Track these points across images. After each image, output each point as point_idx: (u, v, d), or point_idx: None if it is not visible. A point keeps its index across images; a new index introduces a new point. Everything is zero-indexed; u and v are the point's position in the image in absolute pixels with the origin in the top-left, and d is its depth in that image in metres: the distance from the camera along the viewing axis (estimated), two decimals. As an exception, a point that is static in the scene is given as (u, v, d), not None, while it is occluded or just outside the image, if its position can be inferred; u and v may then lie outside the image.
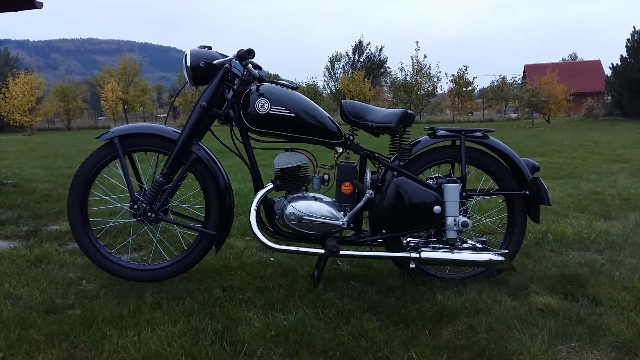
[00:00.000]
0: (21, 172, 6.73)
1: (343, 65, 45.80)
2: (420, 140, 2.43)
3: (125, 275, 2.36)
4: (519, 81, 32.08)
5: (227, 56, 2.31)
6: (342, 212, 2.32)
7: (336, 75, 45.31)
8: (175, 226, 2.64)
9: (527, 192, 2.37)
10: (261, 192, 2.32)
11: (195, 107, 2.29)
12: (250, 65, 2.27)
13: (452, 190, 2.28)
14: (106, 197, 2.70)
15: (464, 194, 2.34)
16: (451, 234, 2.29)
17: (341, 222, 2.29)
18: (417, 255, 2.27)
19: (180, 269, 2.38)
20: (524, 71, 40.48)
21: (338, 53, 47.28)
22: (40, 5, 5.63)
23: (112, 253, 2.44)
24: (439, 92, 28.91)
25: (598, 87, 32.89)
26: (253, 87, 2.29)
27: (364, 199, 2.30)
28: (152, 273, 2.36)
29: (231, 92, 2.33)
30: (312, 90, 29.31)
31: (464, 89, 28.38)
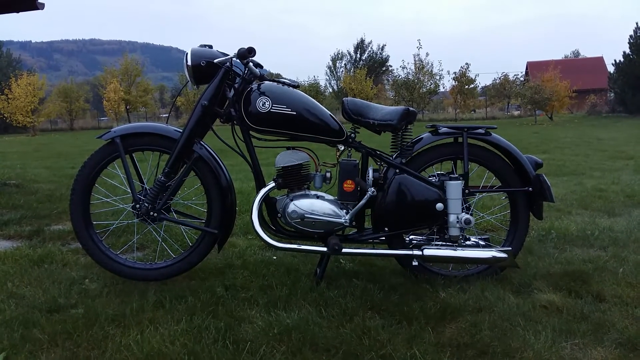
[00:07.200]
0: (24, 173, 6.75)
1: (345, 64, 45.72)
2: (422, 138, 2.42)
3: (132, 276, 2.36)
4: (522, 78, 31.98)
5: (228, 55, 2.31)
6: (344, 210, 2.31)
7: (338, 74, 45.25)
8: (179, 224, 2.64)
9: (530, 188, 2.36)
10: (263, 191, 2.32)
11: (196, 106, 2.29)
12: (251, 63, 2.27)
13: (454, 188, 2.27)
14: (107, 200, 2.70)
15: (466, 191, 2.34)
16: (454, 232, 2.28)
17: (343, 220, 2.29)
18: (419, 252, 2.26)
19: (186, 266, 2.38)
20: (527, 68, 40.32)
21: (340, 52, 47.10)
22: (42, 6, 5.64)
23: (118, 254, 2.44)
24: (441, 89, 28.86)
25: (601, 84, 32.73)
26: (254, 86, 2.29)
27: (366, 196, 2.29)
28: (158, 272, 2.36)
29: (232, 91, 2.33)
30: (314, 89, 29.26)
31: (466, 86, 28.28)
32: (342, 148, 2.36)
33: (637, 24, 24.45)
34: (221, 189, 2.35)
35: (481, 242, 2.39)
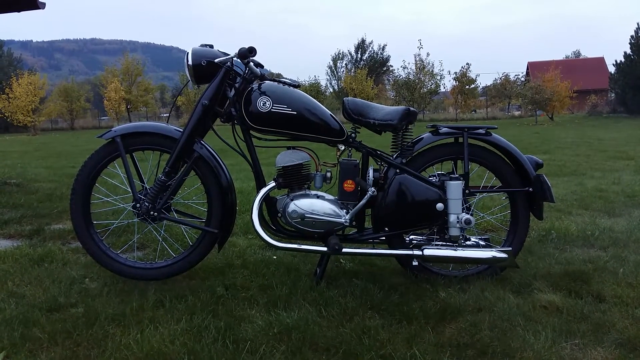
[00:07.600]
0: (24, 172, 6.75)
1: (346, 64, 45.67)
2: (422, 138, 2.42)
3: (132, 275, 2.36)
4: (522, 79, 31.95)
5: (229, 54, 2.31)
6: (345, 210, 2.31)
7: (339, 73, 45.20)
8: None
9: (531, 189, 2.36)
10: (263, 190, 2.32)
11: (197, 106, 2.29)
12: (252, 63, 2.28)
13: (454, 188, 2.27)
14: (108, 199, 2.70)
15: (466, 191, 2.34)
16: (454, 232, 2.28)
17: (343, 220, 2.29)
18: (420, 252, 2.26)
19: (186, 265, 2.38)
20: (527, 69, 40.27)
21: (341, 52, 47.08)
22: (43, 6, 5.64)
23: (118, 254, 2.44)
24: (442, 90, 28.83)
25: (602, 84, 32.72)
26: (255, 85, 2.29)
27: (366, 196, 2.29)
28: (158, 271, 2.36)
29: (233, 91, 2.33)
30: (314, 89, 29.24)
31: (467, 86, 28.26)
32: (343, 148, 2.36)
33: (638, 24, 24.44)
34: (221, 189, 2.35)
35: (481, 242, 2.39)
